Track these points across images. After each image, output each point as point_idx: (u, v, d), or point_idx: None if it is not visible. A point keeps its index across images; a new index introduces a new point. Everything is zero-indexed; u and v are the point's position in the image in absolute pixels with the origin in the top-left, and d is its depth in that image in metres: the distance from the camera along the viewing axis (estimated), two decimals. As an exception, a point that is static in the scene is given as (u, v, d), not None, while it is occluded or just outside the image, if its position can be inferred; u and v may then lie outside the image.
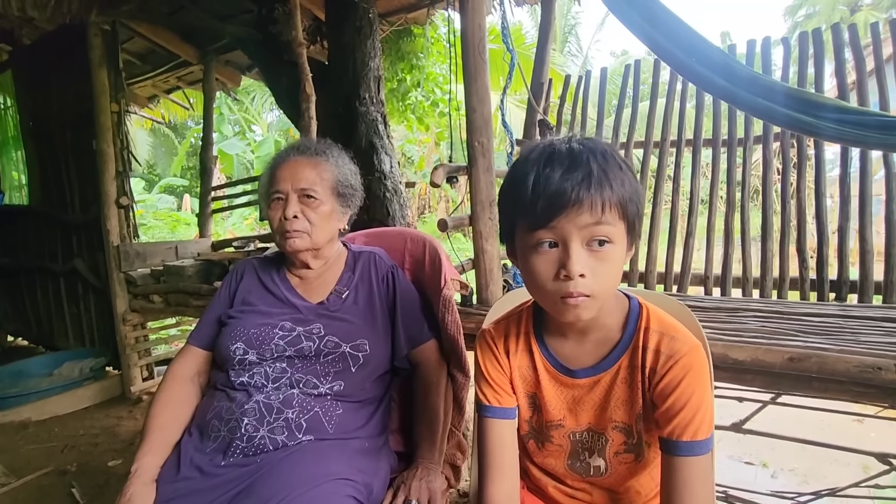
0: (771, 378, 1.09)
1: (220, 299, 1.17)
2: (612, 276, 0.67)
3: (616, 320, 0.75)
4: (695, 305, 1.37)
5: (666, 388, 0.69)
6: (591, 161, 0.65)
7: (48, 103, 3.38)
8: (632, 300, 0.77)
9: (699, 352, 0.70)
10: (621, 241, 0.66)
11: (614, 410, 0.76)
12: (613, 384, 0.75)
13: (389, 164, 2.47)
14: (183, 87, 4.06)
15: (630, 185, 0.66)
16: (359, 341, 1.06)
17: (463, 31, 1.54)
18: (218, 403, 1.02)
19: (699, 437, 0.67)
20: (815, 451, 1.88)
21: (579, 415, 0.79)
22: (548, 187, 0.65)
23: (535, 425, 0.83)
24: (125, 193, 2.97)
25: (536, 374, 0.80)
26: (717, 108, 1.83)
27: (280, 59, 2.76)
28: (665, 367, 0.69)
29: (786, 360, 1.01)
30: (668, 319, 0.74)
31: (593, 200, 0.63)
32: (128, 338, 2.99)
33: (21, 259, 3.83)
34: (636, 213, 0.67)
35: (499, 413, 0.80)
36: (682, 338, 0.71)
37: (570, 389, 0.78)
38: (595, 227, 0.64)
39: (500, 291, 1.61)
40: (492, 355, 0.82)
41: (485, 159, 1.54)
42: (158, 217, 9.90)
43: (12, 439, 2.49)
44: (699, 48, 1.28)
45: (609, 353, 0.75)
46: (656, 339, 0.71)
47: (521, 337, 0.82)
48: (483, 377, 0.82)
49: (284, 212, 1.07)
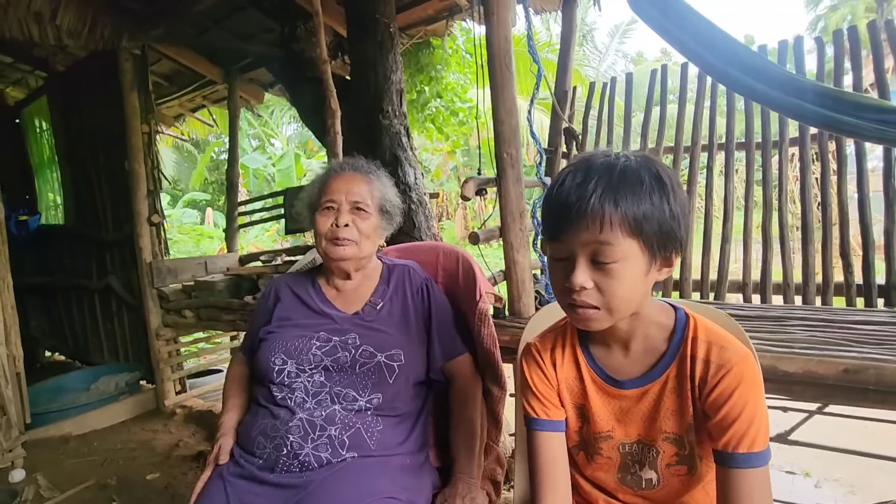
0: (823, 390, 1.05)
1: (260, 312, 1.22)
2: (624, 291, 0.66)
3: (661, 331, 0.74)
4: (736, 314, 1.34)
5: (718, 399, 0.67)
6: (604, 175, 0.64)
7: (81, 126, 3.51)
8: (678, 310, 0.76)
9: (750, 360, 0.69)
10: (634, 260, 0.65)
11: (664, 421, 0.74)
12: (662, 394, 0.74)
13: (414, 176, 2.48)
14: (208, 105, 4.17)
15: (652, 202, 0.64)
16: (393, 351, 1.08)
17: (489, 43, 1.54)
18: (262, 420, 1.04)
19: (756, 448, 0.65)
20: (859, 460, 1.81)
21: (628, 425, 0.78)
22: (557, 199, 0.67)
23: (584, 436, 0.82)
24: (156, 211, 3.05)
25: (583, 385, 0.79)
26: (748, 109, 1.79)
27: (303, 76, 2.81)
28: (716, 377, 0.68)
29: (840, 371, 0.98)
30: (716, 329, 0.73)
31: (595, 216, 0.63)
32: (161, 352, 3.06)
33: (57, 277, 3.96)
34: (657, 231, 0.64)
35: (548, 426, 0.80)
36: (733, 347, 0.69)
37: (618, 400, 0.77)
38: (598, 245, 0.64)
39: (532, 302, 1.60)
40: (538, 368, 0.82)
41: (514, 170, 1.54)
42: (183, 231, 10.14)
43: (55, 454, 2.57)
44: (732, 52, 1.26)
45: (656, 364, 0.74)
46: (705, 349, 0.70)
47: (567, 349, 0.81)
48: (530, 390, 0.81)
49: (337, 220, 1.11)
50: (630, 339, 0.75)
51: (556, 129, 2.16)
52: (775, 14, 64.81)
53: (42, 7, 2.56)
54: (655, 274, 0.69)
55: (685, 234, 0.69)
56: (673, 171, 0.71)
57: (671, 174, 0.68)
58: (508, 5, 1.55)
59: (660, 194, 0.64)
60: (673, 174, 0.69)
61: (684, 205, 0.68)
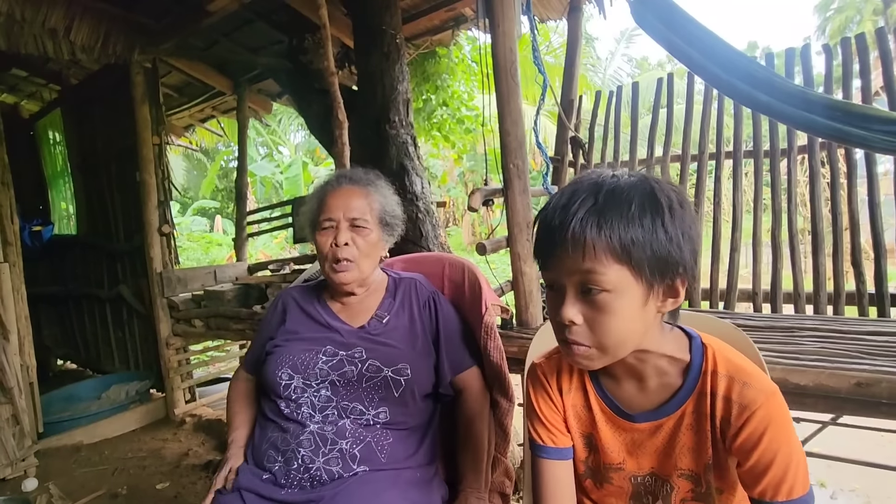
0: (835, 402, 1.04)
1: (266, 326, 1.22)
2: (617, 327, 0.60)
3: (675, 364, 0.68)
4: (745, 325, 1.33)
5: (746, 444, 0.62)
6: (589, 196, 0.59)
7: (94, 138, 3.58)
8: (693, 340, 0.69)
9: (778, 398, 0.62)
10: (627, 290, 0.59)
11: (680, 458, 0.70)
12: (678, 430, 0.69)
13: (421, 185, 2.50)
14: (217, 115, 4.23)
15: (641, 225, 0.58)
16: (400, 366, 1.07)
17: (494, 55, 1.55)
18: (272, 434, 1.04)
19: (796, 493, 0.59)
20: (875, 470, 1.78)
21: (640, 458, 0.73)
22: (543, 222, 0.64)
23: (592, 466, 0.79)
24: (167, 222, 3.09)
25: (592, 414, 0.75)
26: (756, 118, 1.79)
27: (311, 88, 2.85)
28: (741, 418, 0.62)
29: (853, 385, 0.97)
30: (738, 360, 0.67)
31: (577, 242, 0.58)
32: (171, 361, 3.09)
33: (69, 286, 4.02)
34: (650, 257, 0.58)
35: (554, 454, 0.76)
36: (757, 383, 0.63)
37: (629, 433, 0.73)
38: (584, 274, 0.59)
39: (539, 313, 1.59)
40: (544, 392, 0.78)
41: (520, 181, 1.55)
42: (192, 239, 10.24)
43: (67, 462, 2.59)
44: (738, 64, 1.26)
45: (671, 398, 0.69)
46: (725, 385, 0.64)
47: (575, 375, 0.77)
48: (536, 416, 0.78)
49: (336, 238, 1.10)
50: (641, 373, 0.70)
51: (562, 138, 2.16)
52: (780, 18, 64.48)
53: (57, 23, 2.62)
54: (657, 305, 0.63)
55: (691, 258, 0.61)
56: (678, 190, 0.63)
57: (672, 194, 0.61)
58: (514, 17, 1.56)
59: (652, 217, 0.58)
60: (675, 194, 0.62)
61: (690, 227, 0.61)
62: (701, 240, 0.63)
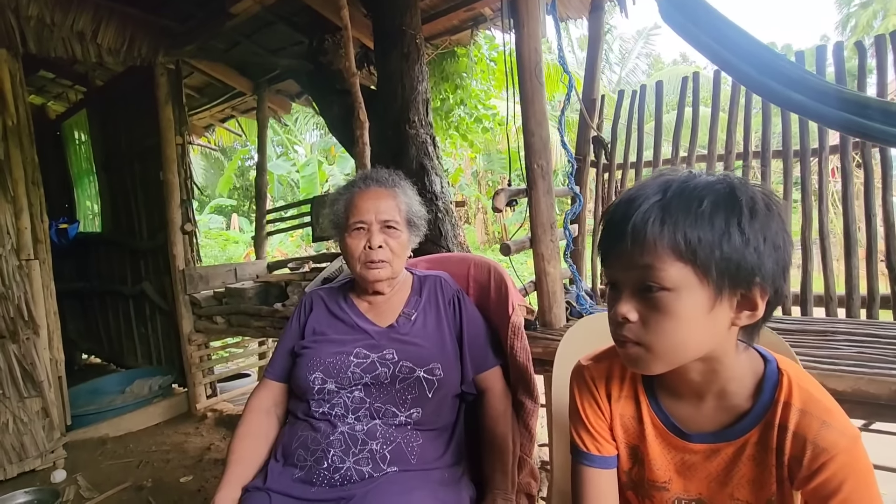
0: (873, 409, 1.01)
1: (290, 331, 1.20)
2: (674, 329, 0.57)
3: (746, 385, 0.63)
4: (777, 328, 1.31)
5: (822, 490, 0.57)
6: (656, 193, 0.57)
7: (118, 138, 3.65)
8: (769, 363, 0.64)
9: (859, 444, 0.57)
10: (689, 291, 0.56)
11: (737, 488, 0.65)
12: (738, 459, 0.64)
13: (440, 185, 2.51)
14: (236, 115, 4.28)
15: (711, 224, 0.54)
16: (432, 365, 1.07)
17: (519, 55, 1.55)
18: (302, 433, 1.05)
19: None
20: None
21: (689, 481, 0.68)
22: (606, 218, 0.62)
23: (636, 479, 0.74)
24: (189, 220, 3.15)
25: (642, 427, 0.71)
26: (785, 116, 1.75)
27: (331, 88, 2.87)
28: (816, 462, 0.57)
29: (893, 391, 0.95)
30: (816, 393, 0.61)
31: (637, 236, 0.56)
32: (193, 357, 3.14)
33: (94, 283, 4.11)
34: (719, 259, 0.54)
35: (598, 462, 0.72)
36: (839, 425, 0.57)
37: (681, 453, 0.68)
38: (643, 270, 0.57)
39: (563, 314, 1.59)
40: (591, 397, 0.74)
41: (544, 182, 1.54)
42: (209, 237, 10.40)
43: (93, 455, 2.66)
44: (768, 62, 1.23)
45: (735, 423, 0.63)
46: (798, 420, 0.59)
47: (627, 382, 0.72)
48: (580, 420, 0.74)
49: (370, 241, 1.10)
50: (705, 391, 0.64)
51: (584, 138, 2.15)
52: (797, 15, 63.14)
53: (84, 27, 2.68)
54: (729, 315, 0.58)
55: (775, 268, 0.56)
56: (766, 193, 0.59)
57: (758, 194, 0.57)
58: (538, 17, 1.55)
59: (727, 216, 0.55)
60: (763, 195, 0.58)
61: (777, 234, 0.56)
62: (791, 251, 0.58)
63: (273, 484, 0.99)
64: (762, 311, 0.58)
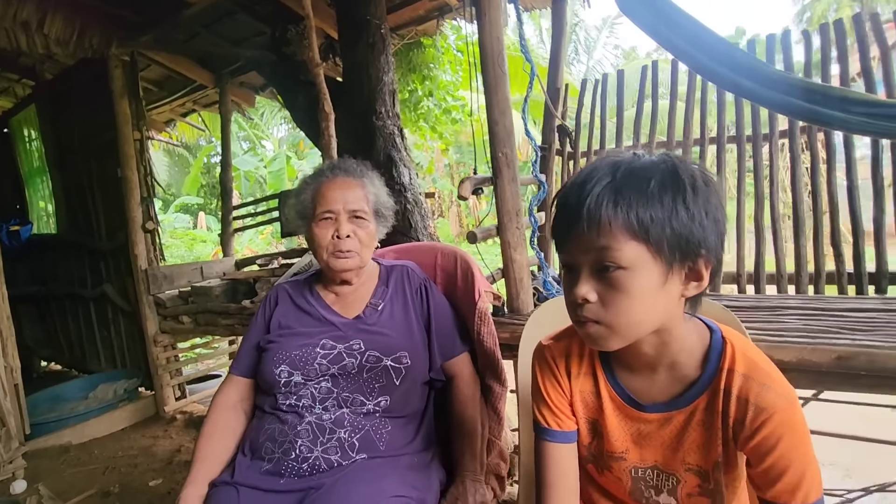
0: (817, 377, 1.08)
1: (256, 327, 1.19)
2: (632, 306, 0.59)
3: (694, 356, 0.67)
4: (732, 305, 1.36)
5: (761, 448, 0.60)
6: (606, 174, 0.59)
7: (71, 134, 3.49)
8: (714, 333, 0.67)
9: (796, 404, 0.61)
10: (643, 269, 0.58)
11: (688, 453, 0.68)
12: (688, 425, 0.67)
13: (409, 176, 2.50)
14: (198, 109, 4.15)
15: (661, 202, 0.57)
16: (399, 354, 1.08)
17: (481, 45, 1.55)
18: (269, 426, 1.04)
19: (811, 500, 0.59)
20: (855, 444, 1.84)
21: (644, 449, 0.72)
22: (559, 202, 0.63)
23: (595, 452, 0.77)
24: (150, 218, 3.04)
25: (600, 401, 0.74)
26: (739, 104, 1.82)
27: (296, 80, 2.81)
28: (756, 421, 0.60)
29: (833, 359, 1.00)
30: (757, 359, 0.64)
31: (592, 218, 0.58)
32: (159, 358, 3.06)
33: (51, 286, 3.94)
34: (670, 235, 0.57)
35: (559, 437, 0.75)
36: (777, 387, 0.61)
37: (637, 423, 0.71)
38: (599, 251, 0.58)
39: (530, 300, 1.61)
40: (552, 375, 0.76)
41: (509, 170, 1.56)
42: (176, 236, 10.09)
43: (55, 463, 2.56)
44: (723, 51, 1.28)
45: (685, 392, 0.67)
46: (741, 384, 0.62)
47: (585, 359, 0.75)
48: (542, 398, 0.77)
49: (338, 231, 1.10)
50: (657, 363, 0.68)
51: (549, 127, 2.18)
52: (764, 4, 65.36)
53: (29, 16, 2.54)
54: (678, 288, 0.61)
55: (715, 240, 0.60)
56: (702, 170, 0.62)
57: (696, 172, 0.60)
58: (500, 6, 1.56)
59: (673, 194, 0.57)
60: (700, 172, 0.61)
61: (716, 208, 0.60)
62: (726, 223, 0.62)
63: (241, 478, 0.98)
64: (707, 280, 0.62)
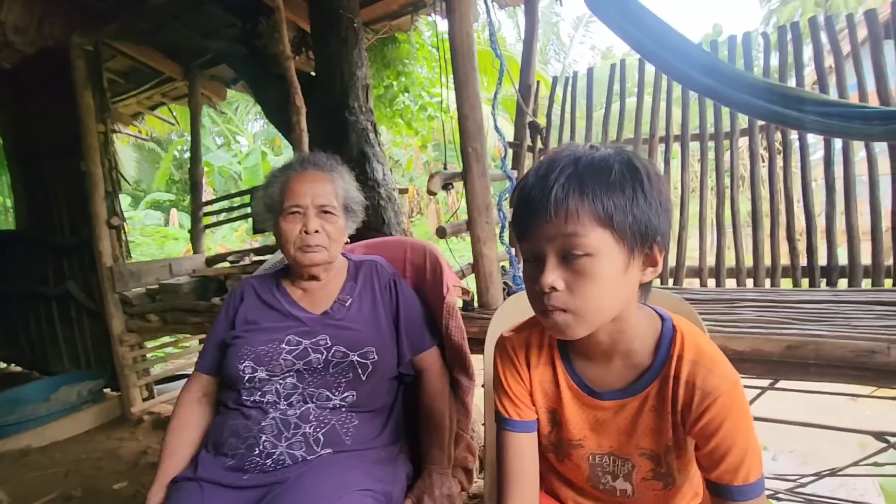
0: (770, 366, 1.12)
1: (220, 324, 1.17)
2: (598, 291, 0.60)
3: (646, 344, 0.69)
4: (693, 298, 1.41)
5: (706, 429, 0.63)
6: (568, 166, 0.61)
7: (32, 127, 3.35)
8: (665, 322, 0.70)
9: (739, 388, 0.64)
10: (608, 254, 0.60)
11: (641, 438, 0.71)
12: (641, 411, 0.70)
13: (382, 172, 2.48)
14: (167, 102, 4.03)
15: (622, 191, 0.59)
16: (365, 349, 1.08)
17: (451, 39, 1.56)
18: (233, 421, 1.02)
19: (751, 479, 0.62)
20: (813, 432, 1.92)
21: (601, 436, 0.74)
22: (521, 196, 0.64)
23: (555, 441, 0.79)
24: (115, 214, 2.94)
25: (558, 390, 0.76)
26: (702, 103, 1.87)
27: (267, 73, 2.76)
28: (702, 404, 0.63)
29: (784, 348, 1.05)
30: (704, 346, 0.67)
31: (559, 207, 0.59)
32: (125, 358, 2.96)
33: (10, 284, 3.78)
34: (632, 222, 0.59)
35: (519, 426, 0.77)
36: (722, 372, 0.64)
37: (594, 410, 0.74)
38: (566, 239, 0.60)
39: (500, 294, 1.63)
40: (512, 366, 0.78)
41: (479, 165, 1.57)
42: (146, 234, 9.77)
43: (13, 468, 2.46)
44: (684, 49, 1.32)
45: (638, 379, 0.70)
46: (689, 370, 0.65)
47: (544, 349, 0.77)
48: (503, 388, 0.78)
49: (306, 226, 1.08)
50: (612, 352, 0.70)
51: (520, 123, 2.20)
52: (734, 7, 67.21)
53: (-16, 1, 2.43)
54: (637, 274, 0.64)
55: (666, 226, 0.64)
56: (651, 162, 0.66)
57: (649, 165, 0.63)
58: (470, 1, 1.56)
59: (632, 183, 0.60)
60: (650, 164, 0.64)
61: (665, 196, 0.63)
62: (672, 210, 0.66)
63: (204, 473, 0.97)
64: (661, 266, 0.65)
